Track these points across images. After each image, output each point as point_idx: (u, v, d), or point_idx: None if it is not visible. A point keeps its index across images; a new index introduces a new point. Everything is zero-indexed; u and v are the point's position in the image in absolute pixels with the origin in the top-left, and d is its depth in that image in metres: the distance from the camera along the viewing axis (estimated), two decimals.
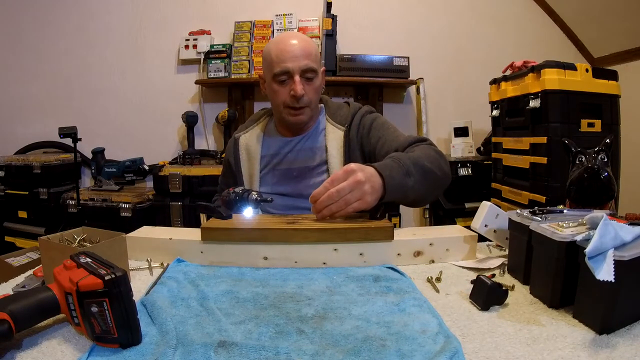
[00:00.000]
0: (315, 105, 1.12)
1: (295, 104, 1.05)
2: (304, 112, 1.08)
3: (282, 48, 1.04)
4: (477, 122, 2.52)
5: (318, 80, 1.08)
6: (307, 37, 1.10)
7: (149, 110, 2.65)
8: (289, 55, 1.03)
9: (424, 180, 0.89)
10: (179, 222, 2.23)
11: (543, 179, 1.79)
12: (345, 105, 1.18)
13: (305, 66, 1.03)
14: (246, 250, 0.77)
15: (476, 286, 0.62)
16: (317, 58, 1.08)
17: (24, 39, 2.62)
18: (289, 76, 1.04)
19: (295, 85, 1.02)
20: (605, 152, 0.80)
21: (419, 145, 0.99)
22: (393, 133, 1.08)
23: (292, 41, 1.05)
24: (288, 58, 1.02)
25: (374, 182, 0.81)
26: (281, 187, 1.12)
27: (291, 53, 1.03)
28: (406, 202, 0.96)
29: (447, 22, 2.71)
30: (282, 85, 1.05)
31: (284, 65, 1.02)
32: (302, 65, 1.03)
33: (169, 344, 0.49)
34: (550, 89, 1.73)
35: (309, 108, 1.08)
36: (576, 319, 0.56)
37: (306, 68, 1.03)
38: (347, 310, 0.59)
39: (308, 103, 1.07)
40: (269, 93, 1.11)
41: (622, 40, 2.39)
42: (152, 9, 2.61)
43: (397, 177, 0.85)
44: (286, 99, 1.05)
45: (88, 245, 0.70)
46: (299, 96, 1.03)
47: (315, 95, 1.09)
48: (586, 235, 0.54)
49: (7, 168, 2.36)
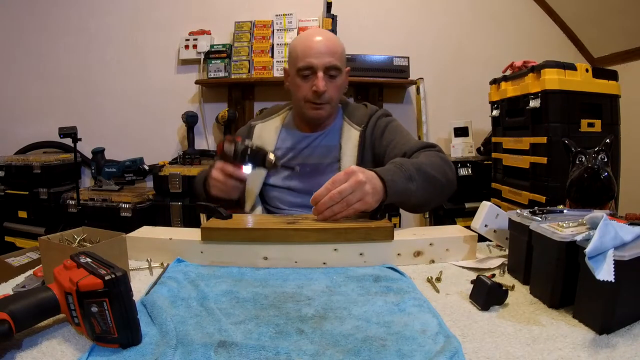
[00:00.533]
0: (336, 103, 1.13)
1: (316, 99, 1.06)
2: (324, 108, 1.09)
3: (308, 44, 1.06)
4: (477, 122, 2.52)
5: (341, 79, 1.09)
6: (334, 36, 1.11)
7: (149, 110, 2.65)
8: (314, 51, 1.04)
9: (427, 186, 0.90)
10: (179, 222, 2.24)
11: (543, 179, 1.79)
12: (362, 107, 1.19)
13: (329, 63, 1.04)
14: (246, 250, 0.78)
15: (476, 286, 0.62)
16: (342, 57, 1.09)
17: (24, 39, 2.62)
18: (312, 72, 1.05)
19: (318, 81, 1.04)
20: (605, 152, 0.80)
21: (426, 151, 0.99)
22: (404, 137, 1.09)
23: (318, 38, 1.06)
24: (313, 54, 1.04)
25: (374, 183, 0.82)
26: (292, 182, 1.12)
27: (316, 49, 1.04)
28: (408, 207, 0.97)
29: (447, 22, 2.70)
30: (305, 80, 1.07)
31: (308, 61, 1.04)
32: (326, 62, 1.04)
33: (169, 344, 0.49)
34: (550, 89, 1.73)
35: (329, 105, 1.09)
36: (576, 319, 0.56)
37: (330, 65, 1.04)
38: (347, 310, 0.59)
39: (329, 100, 1.08)
40: (292, 87, 1.12)
41: (622, 40, 2.39)
42: (152, 9, 2.61)
43: (399, 180, 0.85)
44: (308, 93, 1.07)
45: (88, 245, 0.70)
46: (321, 92, 1.04)
47: (337, 94, 1.10)
48: (586, 235, 0.54)
49: (7, 168, 2.36)
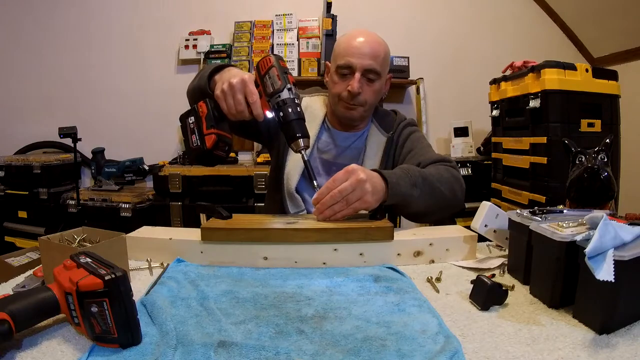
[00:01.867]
0: (371, 107, 1.10)
1: (349, 99, 1.04)
2: (356, 109, 1.06)
3: (351, 43, 1.03)
4: (477, 122, 2.53)
5: (379, 84, 1.06)
6: (380, 40, 1.06)
7: (149, 110, 2.65)
8: (355, 51, 1.02)
9: (430, 196, 0.89)
10: (179, 222, 2.24)
11: (543, 179, 1.79)
12: (392, 113, 1.19)
13: (369, 66, 1.02)
14: (246, 250, 0.77)
15: (476, 286, 0.62)
16: (384, 62, 1.06)
17: (24, 39, 2.62)
18: (350, 71, 1.03)
19: (354, 82, 1.02)
20: (605, 152, 0.80)
21: (439, 165, 0.99)
22: (424, 149, 1.08)
23: (362, 38, 1.03)
24: (354, 54, 1.02)
25: (375, 182, 0.81)
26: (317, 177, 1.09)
27: (358, 50, 1.02)
28: (408, 213, 0.96)
29: (447, 22, 2.71)
30: (343, 78, 1.05)
31: (348, 60, 1.02)
32: (366, 65, 1.01)
33: (169, 344, 0.49)
34: (550, 89, 1.73)
35: (363, 108, 1.07)
36: (576, 319, 0.56)
37: (369, 68, 1.02)
38: (347, 310, 0.59)
39: (363, 103, 1.05)
40: (329, 83, 1.10)
41: (622, 40, 2.39)
42: (152, 9, 2.61)
43: (403, 184, 0.85)
44: (342, 92, 1.05)
45: (88, 245, 0.70)
46: (355, 93, 1.02)
47: (373, 97, 1.07)
48: (586, 235, 0.54)
49: (7, 168, 2.37)
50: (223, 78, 0.85)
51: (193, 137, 0.83)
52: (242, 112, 0.80)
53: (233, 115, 0.81)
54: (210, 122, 0.81)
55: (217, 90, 0.82)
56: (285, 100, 0.79)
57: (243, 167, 2.27)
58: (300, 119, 0.81)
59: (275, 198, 1.12)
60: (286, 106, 0.79)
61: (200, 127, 0.82)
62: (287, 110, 0.79)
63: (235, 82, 0.79)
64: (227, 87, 0.80)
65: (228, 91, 0.80)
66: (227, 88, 0.80)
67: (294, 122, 0.80)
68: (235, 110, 0.80)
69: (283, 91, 0.79)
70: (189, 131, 0.84)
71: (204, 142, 0.81)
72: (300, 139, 0.81)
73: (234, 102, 0.80)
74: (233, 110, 0.80)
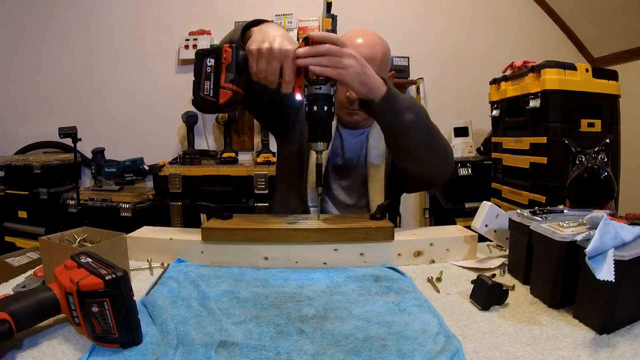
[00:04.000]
0: None
1: (349, 105, 1.03)
2: (358, 113, 1.05)
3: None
4: (477, 122, 2.52)
5: None
6: (377, 39, 1.02)
7: (149, 110, 2.65)
8: None
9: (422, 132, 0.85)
10: (179, 222, 2.24)
11: (543, 179, 1.79)
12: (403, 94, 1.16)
13: None
14: (246, 250, 0.78)
15: (476, 286, 0.62)
16: (383, 62, 1.01)
17: (24, 39, 2.62)
18: None
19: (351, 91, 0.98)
20: (605, 152, 0.80)
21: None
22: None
23: (359, 40, 1.00)
24: None
25: (371, 73, 0.77)
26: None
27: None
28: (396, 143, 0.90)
29: (447, 22, 2.71)
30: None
31: None
32: None
33: (169, 344, 0.49)
34: (550, 89, 1.73)
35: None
36: (576, 319, 0.56)
37: None
38: (347, 310, 0.59)
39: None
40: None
41: (622, 40, 2.39)
42: (153, 9, 2.61)
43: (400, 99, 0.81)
44: (343, 98, 1.03)
45: (88, 245, 0.70)
46: (353, 99, 1.01)
47: None
48: (586, 235, 0.54)
49: (7, 168, 2.36)
50: (264, 32, 0.75)
51: (207, 83, 0.74)
52: (272, 82, 0.73)
53: (258, 79, 0.75)
54: (231, 74, 0.73)
55: (253, 45, 0.72)
56: (324, 96, 0.74)
57: (243, 167, 2.27)
58: (330, 119, 0.76)
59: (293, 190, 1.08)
60: (320, 102, 0.74)
61: (218, 75, 0.73)
62: (322, 107, 0.74)
63: (277, 48, 0.71)
64: (265, 49, 0.71)
65: (265, 53, 0.71)
66: (266, 50, 0.71)
67: (323, 122, 0.76)
68: (264, 76, 0.73)
69: (326, 85, 0.74)
70: (203, 74, 0.75)
71: (217, 95, 0.73)
72: (320, 142, 0.78)
73: (267, 68, 0.72)
74: (262, 75, 0.73)
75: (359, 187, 1.07)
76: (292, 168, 1.09)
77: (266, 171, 2.21)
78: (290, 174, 1.10)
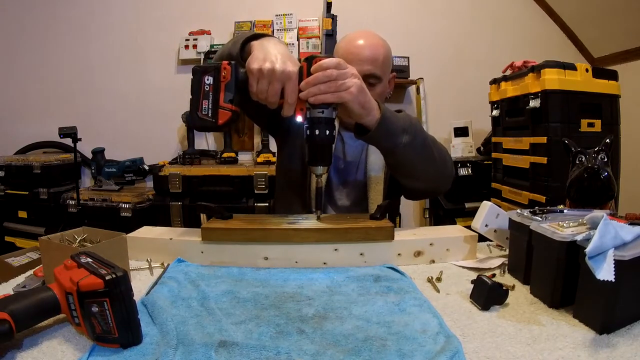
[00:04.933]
0: None
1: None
2: None
3: (349, 49, 1.02)
4: (477, 122, 2.53)
5: (380, 87, 1.04)
6: (378, 41, 1.03)
7: (149, 110, 2.65)
8: (354, 57, 1.00)
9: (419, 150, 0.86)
10: (179, 222, 2.24)
11: (543, 179, 1.79)
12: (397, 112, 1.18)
13: (368, 72, 0.99)
14: (246, 250, 0.78)
15: (476, 286, 0.62)
16: (385, 65, 1.03)
17: (24, 39, 2.62)
18: None
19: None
20: (605, 152, 0.80)
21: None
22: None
23: (360, 42, 1.01)
24: (352, 60, 0.98)
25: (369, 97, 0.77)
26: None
27: (357, 55, 1.00)
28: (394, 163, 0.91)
29: (446, 22, 2.71)
30: None
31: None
32: (365, 71, 0.99)
33: (169, 344, 0.49)
34: (550, 89, 1.73)
35: None
36: (576, 319, 0.56)
37: (368, 74, 1.00)
38: (347, 310, 0.59)
39: None
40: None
41: (622, 40, 2.39)
42: (153, 9, 2.61)
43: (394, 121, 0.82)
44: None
45: (88, 245, 0.70)
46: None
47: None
48: (586, 235, 0.54)
49: (7, 168, 2.36)
50: (265, 50, 0.74)
51: (205, 102, 0.72)
52: (273, 103, 0.72)
53: (259, 99, 0.73)
54: (230, 94, 0.71)
55: (254, 64, 0.71)
56: (326, 120, 0.73)
57: (243, 167, 2.27)
58: (330, 143, 0.75)
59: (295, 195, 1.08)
60: (322, 125, 0.72)
61: (216, 94, 0.71)
62: (323, 130, 0.73)
63: (280, 69, 0.70)
64: (267, 69, 0.70)
65: (267, 74, 0.70)
66: (267, 70, 0.70)
67: (323, 146, 0.75)
68: (265, 97, 0.72)
69: (328, 109, 0.73)
70: (201, 92, 0.72)
71: (216, 116, 0.71)
72: (320, 167, 0.77)
73: (268, 90, 0.71)
74: (263, 95, 0.71)
75: (359, 190, 1.08)
76: (295, 172, 1.09)
77: (266, 171, 2.21)
78: (292, 179, 1.10)
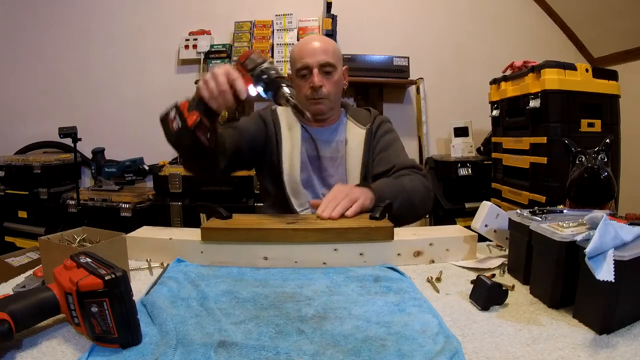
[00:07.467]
0: (335, 98, 1.18)
1: (314, 95, 1.12)
2: (323, 102, 1.14)
3: (302, 47, 1.15)
4: (477, 122, 2.52)
5: (337, 75, 1.15)
6: (328, 39, 1.19)
7: (149, 110, 2.63)
8: (308, 52, 1.12)
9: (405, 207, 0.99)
10: (179, 222, 2.24)
11: (543, 179, 1.79)
12: (365, 110, 1.27)
13: (323, 61, 1.11)
14: (246, 250, 0.78)
15: (476, 286, 0.62)
16: (336, 55, 1.15)
17: (24, 39, 2.62)
18: (309, 71, 1.12)
19: (314, 77, 1.11)
20: (605, 152, 0.80)
21: (413, 175, 1.07)
22: (399, 152, 1.18)
23: (312, 40, 1.15)
24: (307, 54, 1.12)
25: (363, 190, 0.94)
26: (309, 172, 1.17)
27: (310, 50, 1.12)
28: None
29: (446, 22, 2.71)
30: (304, 79, 1.13)
31: (304, 61, 1.12)
32: (320, 60, 1.11)
33: (169, 344, 0.49)
34: (550, 89, 1.73)
35: (328, 100, 1.15)
36: (576, 319, 0.56)
37: (324, 62, 1.11)
38: (347, 310, 0.59)
39: (327, 95, 1.14)
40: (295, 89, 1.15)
41: (622, 40, 2.39)
42: (152, 9, 2.61)
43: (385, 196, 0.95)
44: (307, 91, 1.13)
45: (88, 245, 0.70)
46: (317, 87, 1.11)
47: (334, 89, 1.15)
48: (586, 235, 0.54)
49: (7, 168, 2.36)
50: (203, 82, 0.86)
51: (174, 123, 0.84)
52: (225, 92, 0.80)
53: (216, 101, 0.81)
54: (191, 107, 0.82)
55: (200, 83, 0.84)
56: (268, 68, 0.83)
57: None
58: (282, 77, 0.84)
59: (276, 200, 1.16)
60: (268, 70, 0.83)
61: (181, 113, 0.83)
62: (270, 72, 0.82)
63: (217, 69, 0.82)
64: (208, 75, 0.83)
65: (210, 77, 0.82)
66: (209, 75, 0.82)
67: (277, 78, 0.82)
68: (218, 92, 0.80)
69: (264, 63, 0.83)
70: (170, 123, 0.85)
71: (184, 121, 0.81)
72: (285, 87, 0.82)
73: (217, 84, 0.80)
74: (215, 92, 0.80)
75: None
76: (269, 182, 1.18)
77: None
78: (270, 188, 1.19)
